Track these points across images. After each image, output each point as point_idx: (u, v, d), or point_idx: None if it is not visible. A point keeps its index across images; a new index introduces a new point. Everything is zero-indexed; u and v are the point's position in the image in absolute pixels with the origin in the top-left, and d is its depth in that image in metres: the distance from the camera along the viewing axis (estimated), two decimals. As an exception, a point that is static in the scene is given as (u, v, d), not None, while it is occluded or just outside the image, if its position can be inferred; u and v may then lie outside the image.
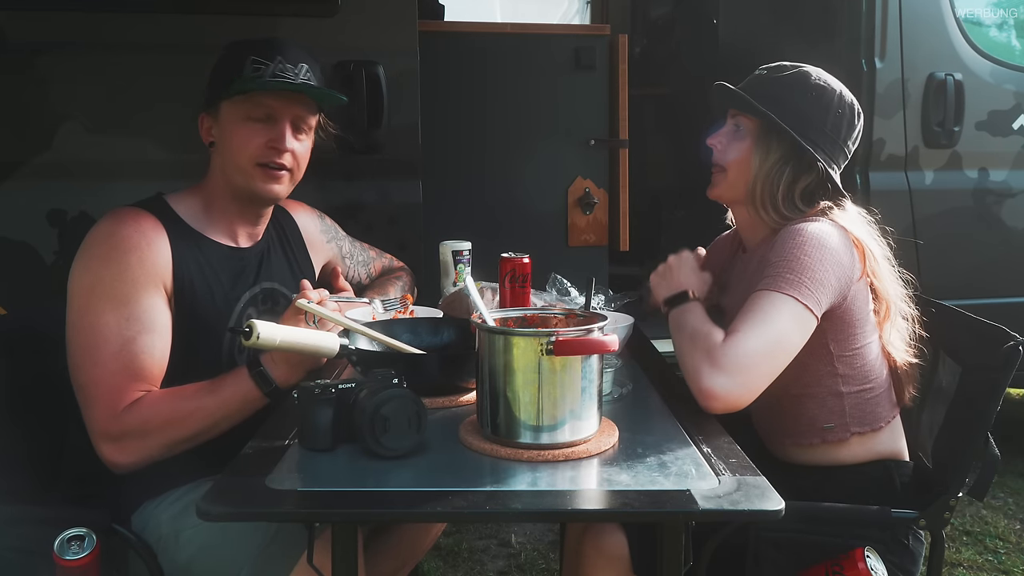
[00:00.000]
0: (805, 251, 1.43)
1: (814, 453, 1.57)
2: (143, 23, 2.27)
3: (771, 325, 1.37)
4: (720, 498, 1.03)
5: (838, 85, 1.58)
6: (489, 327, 1.20)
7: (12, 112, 2.22)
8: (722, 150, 1.61)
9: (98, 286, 1.41)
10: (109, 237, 1.45)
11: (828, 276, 1.42)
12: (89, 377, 1.39)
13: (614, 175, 3.03)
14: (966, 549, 2.72)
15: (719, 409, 1.34)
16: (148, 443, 1.37)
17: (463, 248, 1.98)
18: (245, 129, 1.53)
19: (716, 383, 1.33)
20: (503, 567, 2.59)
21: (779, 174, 1.55)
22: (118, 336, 1.39)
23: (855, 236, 1.51)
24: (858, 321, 1.51)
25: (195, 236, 1.55)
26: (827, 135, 1.54)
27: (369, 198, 2.42)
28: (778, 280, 1.41)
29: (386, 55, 2.38)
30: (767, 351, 1.36)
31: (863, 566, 1.34)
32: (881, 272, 1.54)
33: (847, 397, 1.53)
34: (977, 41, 2.98)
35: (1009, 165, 3.03)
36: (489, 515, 1.31)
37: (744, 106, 1.57)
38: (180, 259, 1.49)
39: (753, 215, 1.60)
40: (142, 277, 1.42)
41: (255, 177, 1.55)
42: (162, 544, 1.40)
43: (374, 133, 2.39)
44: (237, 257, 1.61)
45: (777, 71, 1.59)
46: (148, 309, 1.42)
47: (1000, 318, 1.50)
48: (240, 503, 1.03)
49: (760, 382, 1.36)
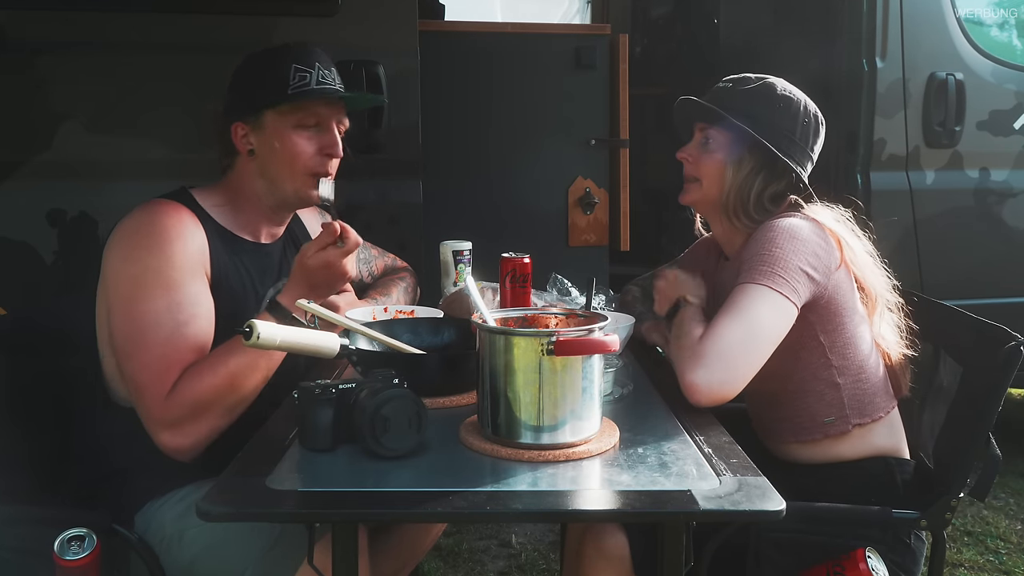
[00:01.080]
0: (777, 243, 1.46)
1: (816, 450, 1.57)
2: (143, 23, 2.27)
3: (746, 316, 1.40)
4: (721, 498, 1.03)
5: (801, 95, 1.62)
6: (490, 327, 1.19)
7: (12, 112, 2.21)
8: (694, 163, 1.65)
9: (145, 275, 1.40)
10: (150, 227, 1.44)
11: (802, 264, 1.45)
12: (140, 364, 1.38)
13: (615, 175, 3.03)
14: (967, 550, 2.72)
15: (704, 402, 1.36)
16: (203, 420, 1.37)
17: (463, 248, 1.98)
18: (298, 138, 1.55)
19: (697, 376, 1.35)
20: (503, 567, 2.59)
21: (751, 184, 1.59)
22: (169, 321, 1.39)
23: (829, 227, 1.54)
24: (845, 311, 1.53)
25: (223, 231, 1.56)
26: (797, 144, 1.59)
27: (369, 198, 2.42)
28: (752, 273, 1.44)
29: (386, 55, 2.38)
30: (744, 340, 1.38)
31: (864, 566, 1.34)
32: (861, 263, 1.56)
33: (844, 388, 1.54)
34: (978, 41, 2.98)
35: (1010, 165, 3.03)
36: (490, 515, 1.30)
37: (720, 120, 1.60)
38: (215, 251, 1.50)
39: (727, 225, 1.64)
40: (187, 264, 1.43)
41: (307, 185, 1.57)
42: (165, 544, 1.40)
43: (374, 133, 2.38)
44: (262, 253, 1.63)
45: (742, 83, 1.62)
46: (195, 295, 1.43)
47: (1001, 318, 1.51)
48: (240, 503, 1.03)
49: (741, 372, 1.38)
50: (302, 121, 1.55)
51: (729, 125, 1.57)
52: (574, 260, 2.94)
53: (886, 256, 1.63)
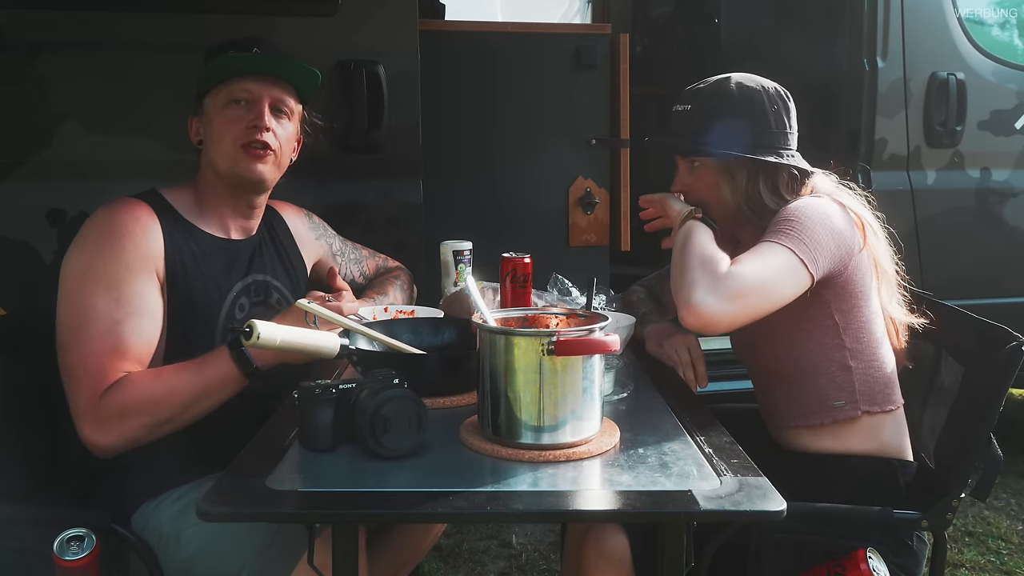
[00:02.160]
0: (806, 214, 1.48)
1: (823, 436, 1.57)
2: (143, 22, 2.27)
3: (767, 265, 1.42)
4: (722, 499, 1.03)
5: (759, 82, 1.62)
6: (490, 327, 1.19)
7: (12, 112, 2.21)
8: (693, 192, 1.65)
9: (90, 270, 1.42)
10: (103, 224, 1.47)
11: (827, 240, 1.46)
12: (75, 358, 1.39)
13: (615, 175, 3.03)
14: (968, 550, 2.71)
15: (698, 325, 1.38)
16: (129, 424, 1.37)
17: (464, 248, 1.98)
18: (227, 113, 1.57)
19: (705, 298, 1.36)
20: (504, 568, 2.59)
21: (755, 187, 1.60)
22: (107, 317, 1.40)
23: (855, 211, 1.55)
24: (861, 292, 1.54)
25: (188, 226, 1.57)
26: (775, 133, 1.59)
27: (369, 198, 2.41)
28: (778, 235, 1.46)
29: (386, 54, 2.38)
30: (759, 287, 1.40)
31: (865, 567, 1.34)
32: (881, 249, 1.58)
33: (856, 372, 1.55)
34: (979, 40, 2.98)
35: (1012, 165, 3.02)
36: (490, 516, 1.30)
37: (693, 153, 1.62)
38: (172, 246, 1.51)
39: (754, 228, 1.60)
40: (135, 261, 1.44)
41: (240, 160, 1.57)
42: (162, 544, 1.40)
43: (374, 133, 2.38)
44: (230, 248, 1.63)
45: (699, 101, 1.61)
46: (139, 293, 1.44)
47: (1003, 318, 1.50)
48: (240, 503, 1.03)
49: (743, 313, 1.40)
50: (231, 96, 1.57)
51: (708, 155, 1.59)
52: (574, 260, 2.93)
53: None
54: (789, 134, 1.62)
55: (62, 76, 2.22)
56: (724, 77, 1.63)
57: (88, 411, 1.37)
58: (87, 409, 1.37)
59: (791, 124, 1.62)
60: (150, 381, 1.40)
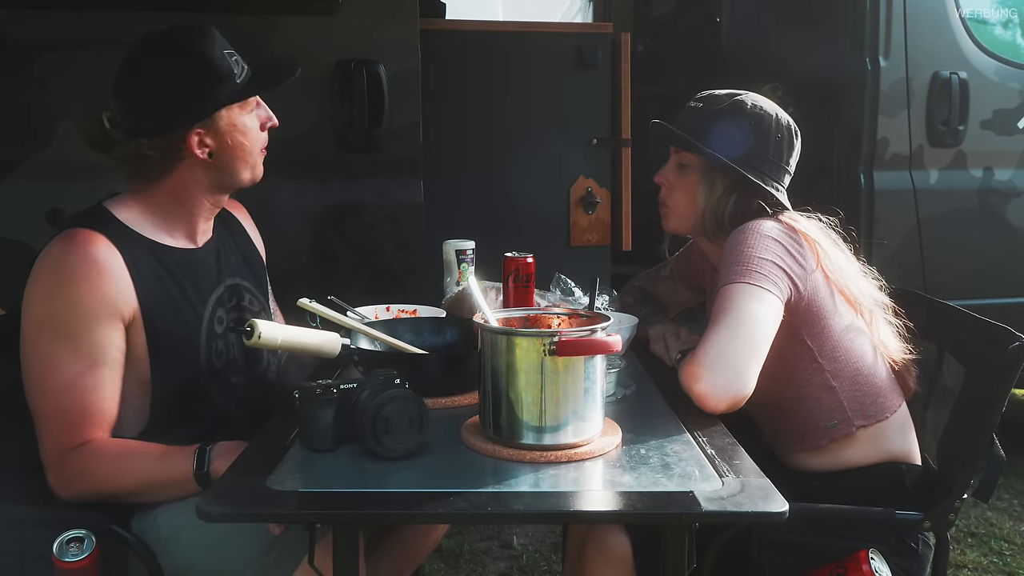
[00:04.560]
0: (747, 243, 1.47)
1: (825, 457, 1.57)
2: (143, 22, 2.26)
3: (735, 315, 1.40)
4: (724, 500, 1.03)
5: (773, 109, 1.62)
6: (492, 327, 1.19)
7: (12, 112, 2.21)
8: (669, 188, 1.67)
9: (48, 320, 1.37)
10: (59, 266, 1.38)
11: (775, 260, 1.45)
12: (40, 408, 1.37)
13: (616, 174, 3.02)
14: (971, 551, 2.71)
15: (714, 406, 1.34)
16: (91, 488, 1.36)
17: (467, 247, 1.97)
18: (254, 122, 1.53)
19: (703, 385, 1.34)
20: (505, 569, 2.59)
21: (724, 203, 1.60)
22: (68, 370, 1.35)
23: (801, 229, 1.54)
24: (826, 312, 1.53)
25: (150, 245, 1.47)
26: (771, 161, 1.59)
27: (370, 198, 2.41)
28: (729, 274, 1.45)
29: (387, 53, 2.37)
30: (737, 339, 1.38)
31: (867, 568, 1.34)
32: (840, 271, 1.55)
33: (841, 391, 1.54)
34: (982, 39, 2.97)
35: (1014, 164, 3.02)
36: (491, 516, 1.30)
37: (686, 146, 1.61)
38: (141, 280, 1.42)
39: (709, 243, 1.66)
40: (93, 309, 1.36)
41: (258, 163, 1.55)
42: (163, 546, 1.39)
43: (375, 132, 2.38)
44: (196, 259, 1.55)
45: (712, 103, 1.62)
46: (98, 343, 1.37)
47: (1005, 318, 1.50)
48: (240, 504, 1.03)
49: (744, 371, 1.36)
50: (248, 106, 1.52)
51: (699, 151, 1.59)
52: (575, 260, 2.93)
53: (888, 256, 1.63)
54: (783, 168, 1.61)
55: (62, 76, 2.22)
56: (744, 92, 1.63)
57: (54, 464, 1.36)
58: (52, 462, 1.36)
59: (788, 160, 1.62)
60: (114, 457, 1.37)
